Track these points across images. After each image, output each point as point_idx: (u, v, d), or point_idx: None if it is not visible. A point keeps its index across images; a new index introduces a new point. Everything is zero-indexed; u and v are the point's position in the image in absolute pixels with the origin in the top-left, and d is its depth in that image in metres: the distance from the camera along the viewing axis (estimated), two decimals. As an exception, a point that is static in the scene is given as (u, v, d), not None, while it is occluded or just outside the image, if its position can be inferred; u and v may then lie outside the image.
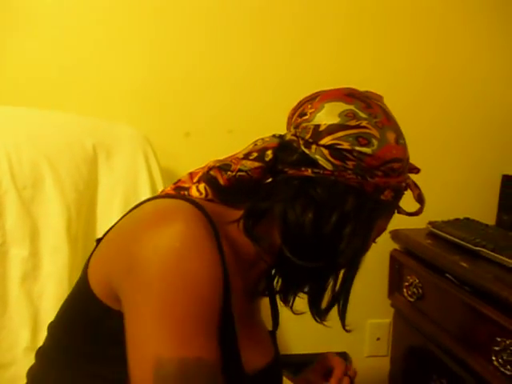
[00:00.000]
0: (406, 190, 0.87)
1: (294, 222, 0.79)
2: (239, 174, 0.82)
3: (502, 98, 1.89)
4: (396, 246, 1.71)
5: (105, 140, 1.39)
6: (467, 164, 1.88)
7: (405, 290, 1.62)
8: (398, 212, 0.89)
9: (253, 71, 1.71)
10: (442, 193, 1.84)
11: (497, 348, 1.17)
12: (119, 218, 0.82)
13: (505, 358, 1.15)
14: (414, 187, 0.90)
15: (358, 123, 0.79)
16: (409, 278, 1.60)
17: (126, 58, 1.64)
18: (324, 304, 0.87)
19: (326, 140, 0.78)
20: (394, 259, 1.70)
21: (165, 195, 0.85)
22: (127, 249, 0.72)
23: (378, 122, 0.80)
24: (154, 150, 1.47)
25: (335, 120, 0.79)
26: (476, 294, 1.28)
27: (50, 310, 1.19)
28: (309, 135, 0.80)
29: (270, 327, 1.02)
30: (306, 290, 0.89)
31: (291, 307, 0.95)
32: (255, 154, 0.82)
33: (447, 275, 1.40)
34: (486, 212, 1.80)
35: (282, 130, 0.88)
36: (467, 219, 1.70)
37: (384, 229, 0.89)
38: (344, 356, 1.89)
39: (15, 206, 1.21)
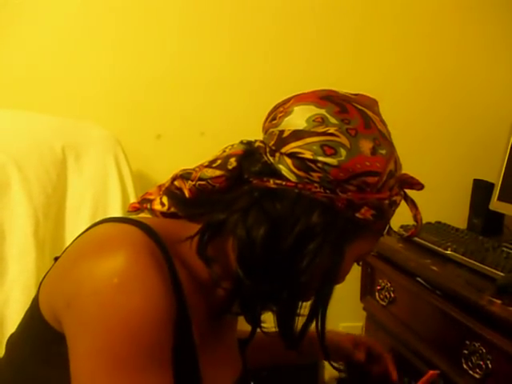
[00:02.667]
0: (393, 207, 0.76)
1: (244, 238, 0.72)
2: (199, 183, 0.75)
3: (474, 104, 1.91)
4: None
5: (74, 141, 1.37)
6: (439, 168, 1.90)
7: (377, 293, 1.62)
8: (388, 234, 0.80)
9: (226, 72, 1.70)
10: (414, 196, 1.83)
11: (466, 351, 1.18)
12: (86, 225, 0.78)
13: (474, 361, 1.16)
14: (411, 206, 0.82)
15: (325, 130, 0.71)
16: (381, 281, 1.60)
17: (96, 57, 1.62)
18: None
19: (288, 148, 0.72)
20: (365, 263, 1.69)
21: (114, 219, 0.76)
22: (68, 279, 0.67)
23: (351, 129, 0.71)
24: (124, 151, 1.45)
25: (301, 125, 0.72)
26: (446, 297, 1.29)
27: (15, 318, 1.15)
28: (273, 142, 0.74)
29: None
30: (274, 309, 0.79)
31: (259, 327, 0.84)
32: (219, 162, 0.76)
33: (418, 279, 1.41)
34: (457, 216, 1.82)
35: (256, 132, 0.83)
36: (438, 223, 1.71)
37: (368, 250, 0.81)
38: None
39: (-20, 210, 1.19)
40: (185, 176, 0.78)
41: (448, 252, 1.41)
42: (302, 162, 0.71)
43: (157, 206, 0.79)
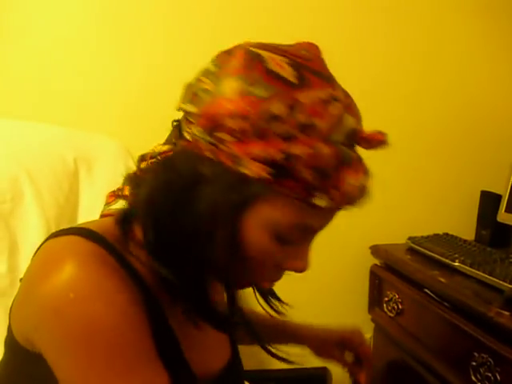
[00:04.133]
0: (294, 163, 0.61)
1: (133, 201, 0.70)
2: (151, 161, 0.70)
3: (482, 115, 1.91)
4: (376, 262, 1.72)
5: (86, 153, 1.39)
6: (447, 180, 1.90)
7: (385, 305, 1.62)
8: (305, 201, 0.63)
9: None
10: (422, 208, 1.86)
11: (474, 363, 1.18)
12: None
13: (482, 373, 1.16)
14: (348, 169, 0.63)
15: (200, 79, 0.66)
16: (389, 293, 1.60)
17: (107, 69, 1.63)
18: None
19: (179, 104, 0.69)
20: (373, 274, 1.70)
21: (57, 233, 0.71)
22: (28, 303, 0.65)
23: (218, 72, 0.64)
24: (135, 162, 1.46)
25: (191, 80, 0.69)
26: (454, 309, 1.29)
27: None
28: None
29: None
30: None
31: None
32: (168, 135, 0.71)
33: (426, 290, 1.41)
34: (464, 227, 1.82)
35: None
36: (446, 234, 1.72)
37: (287, 222, 0.65)
38: (324, 371, 1.90)
39: (-6, 220, 1.20)
40: (144, 157, 0.73)
41: (456, 264, 1.42)
42: (184, 116, 0.67)
43: (126, 192, 0.76)
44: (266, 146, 0.60)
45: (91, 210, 1.35)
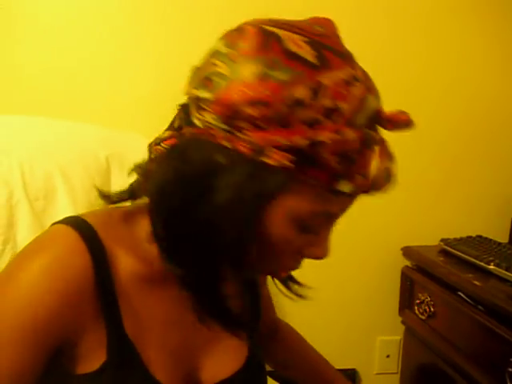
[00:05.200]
0: (319, 149, 0.57)
1: (144, 188, 0.68)
2: (155, 148, 0.68)
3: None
4: (407, 263, 1.70)
5: (118, 151, 1.39)
6: (480, 181, 1.87)
7: (416, 307, 1.60)
8: (331, 189, 0.60)
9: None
10: (455, 210, 1.83)
11: (511, 369, 1.15)
12: None
13: (519, 379, 1.14)
14: (379, 153, 0.61)
15: (209, 61, 0.62)
16: (420, 295, 1.58)
17: (140, 68, 1.64)
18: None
19: (187, 89, 0.65)
20: (405, 276, 1.68)
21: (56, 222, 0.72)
22: None
23: (233, 54, 0.59)
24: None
25: (201, 62, 0.65)
26: (489, 312, 1.27)
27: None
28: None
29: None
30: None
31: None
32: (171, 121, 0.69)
33: (459, 293, 1.39)
34: (498, 230, 1.79)
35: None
36: (480, 237, 1.69)
37: (311, 211, 0.62)
38: (353, 372, 1.88)
39: (27, 218, 1.21)
40: (150, 145, 0.70)
41: (491, 267, 1.39)
42: (194, 102, 0.62)
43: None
44: (289, 133, 0.57)
45: (123, 208, 1.36)
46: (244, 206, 0.59)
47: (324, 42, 0.61)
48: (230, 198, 0.59)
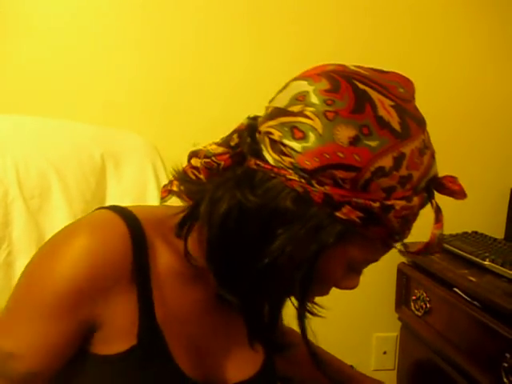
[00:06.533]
0: (398, 214, 0.62)
1: (205, 215, 0.67)
2: (205, 160, 0.69)
3: (510, 110, 1.88)
4: (403, 260, 1.70)
5: (113, 149, 1.39)
6: (475, 177, 1.87)
7: (412, 303, 1.60)
8: (386, 244, 0.66)
9: (266, 79, 1.71)
10: (450, 206, 1.81)
11: (506, 365, 1.15)
12: None
13: (514, 374, 1.14)
14: (435, 217, 0.66)
15: (301, 110, 0.62)
16: (416, 291, 1.58)
17: (135, 66, 1.64)
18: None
19: (264, 126, 0.65)
20: (401, 272, 1.68)
21: (105, 206, 0.76)
22: None
23: (330, 112, 0.61)
24: (162, 160, 1.47)
25: (284, 103, 0.64)
26: (485, 308, 1.27)
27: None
28: (261, 118, 0.67)
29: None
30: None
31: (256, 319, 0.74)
32: (226, 137, 0.70)
33: (455, 289, 1.39)
34: (494, 225, 1.79)
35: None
36: (475, 233, 1.69)
37: (364, 259, 0.68)
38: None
39: (22, 216, 1.21)
40: (194, 153, 0.72)
41: (486, 262, 1.39)
42: (275, 143, 0.63)
43: (174, 188, 0.76)
44: (366, 196, 0.61)
45: (118, 206, 1.36)
46: (306, 252, 0.63)
47: (406, 107, 0.64)
48: (293, 243, 0.62)
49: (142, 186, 1.39)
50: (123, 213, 0.70)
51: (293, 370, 1.02)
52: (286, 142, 0.62)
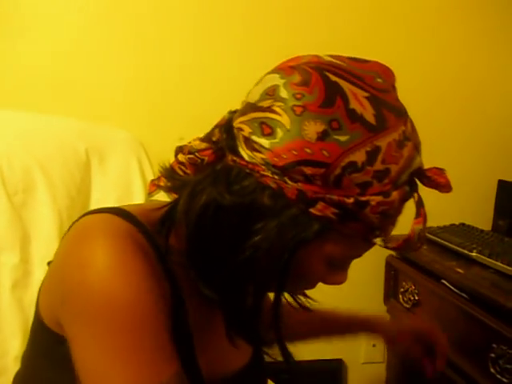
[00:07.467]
0: (374, 209, 0.60)
1: (183, 210, 0.65)
2: (189, 156, 0.68)
3: (498, 103, 1.89)
4: (392, 252, 1.70)
5: (98, 144, 1.38)
6: (463, 169, 1.88)
7: (400, 296, 1.61)
8: (366, 240, 0.64)
9: (253, 74, 1.70)
10: (438, 198, 1.82)
11: (493, 355, 1.16)
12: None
13: (501, 365, 1.14)
14: (417, 212, 0.63)
15: (270, 105, 0.60)
16: (404, 284, 1.59)
17: (119, 61, 1.62)
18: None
19: (237, 122, 0.64)
20: (389, 265, 1.69)
21: (94, 210, 0.71)
22: (59, 278, 0.65)
23: (297, 107, 0.59)
24: (147, 154, 1.46)
25: (255, 98, 0.63)
26: (472, 300, 1.27)
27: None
28: (237, 113, 0.66)
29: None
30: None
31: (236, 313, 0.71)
32: (208, 132, 0.69)
33: (443, 281, 1.39)
34: (481, 217, 1.80)
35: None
36: (463, 224, 1.70)
37: (344, 255, 0.66)
38: (339, 363, 1.89)
39: (6, 212, 1.20)
40: (182, 149, 0.70)
41: (473, 254, 1.39)
42: (247, 139, 0.62)
43: (162, 183, 0.74)
44: (340, 192, 0.59)
45: (103, 201, 1.35)
46: (283, 247, 0.61)
47: (384, 98, 0.61)
48: (270, 239, 0.61)
49: (127, 181, 1.38)
50: (128, 216, 0.68)
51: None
52: (255, 138, 0.60)
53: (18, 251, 1.20)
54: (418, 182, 0.66)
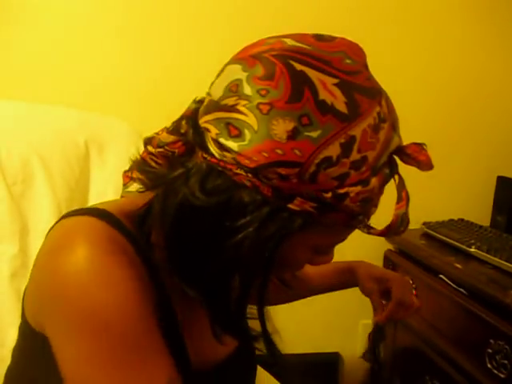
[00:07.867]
0: (354, 199, 0.57)
1: (158, 209, 0.63)
2: (158, 150, 0.65)
3: (497, 99, 1.89)
4: (390, 247, 1.71)
5: (97, 135, 1.37)
6: (462, 165, 1.88)
7: (398, 290, 1.61)
8: (349, 226, 0.63)
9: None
10: (437, 193, 1.84)
11: (490, 350, 1.16)
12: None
13: (498, 360, 1.14)
14: (399, 196, 0.61)
15: (234, 103, 0.57)
16: (402, 278, 1.59)
17: (119, 51, 1.62)
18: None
19: (202, 120, 0.60)
20: (387, 260, 1.69)
21: (74, 212, 0.68)
22: (40, 284, 0.64)
23: (263, 104, 0.55)
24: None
25: (218, 94, 0.59)
26: (470, 295, 1.28)
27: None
28: (201, 108, 0.62)
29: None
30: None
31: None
32: (174, 125, 0.65)
33: (441, 276, 1.39)
34: (480, 213, 1.80)
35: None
36: (461, 220, 1.70)
37: (328, 243, 0.67)
38: (336, 356, 1.90)
39: (5, 202, 1.19)
40: (150, 141, 0.67)
41: (472, 249, 1.40)
42: (214, 140, 0.58)
43: (135, 175, 0.72)
44: (316, 187, 0.56)
45: (102, 193, 1.34)
46: (265, 243, 0.59)
47: (354, 81, 0.58)
48: (251, 236, 0.58)
49: (126, 172, 1.37)
50: (108, 216, 0.66)
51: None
52: (223, 141, 0.56)
53: (17, 241, 1.19)
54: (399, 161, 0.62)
